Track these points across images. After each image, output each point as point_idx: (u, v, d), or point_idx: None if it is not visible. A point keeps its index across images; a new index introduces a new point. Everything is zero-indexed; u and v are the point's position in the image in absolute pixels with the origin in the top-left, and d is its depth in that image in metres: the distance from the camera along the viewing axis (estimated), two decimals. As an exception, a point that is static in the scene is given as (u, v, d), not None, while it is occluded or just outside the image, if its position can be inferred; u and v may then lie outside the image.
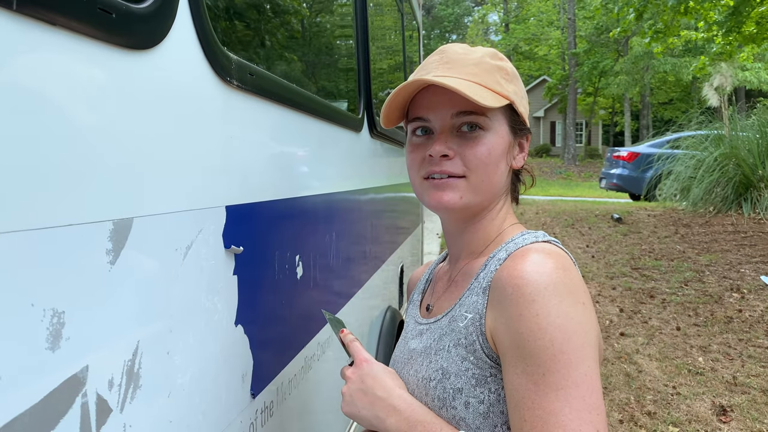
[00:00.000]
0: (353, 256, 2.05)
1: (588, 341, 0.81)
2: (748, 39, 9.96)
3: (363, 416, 0.96)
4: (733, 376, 3.78)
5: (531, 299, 0.81)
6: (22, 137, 0.54)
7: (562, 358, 0.78)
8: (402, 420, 0.91)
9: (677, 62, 25.93)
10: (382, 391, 0.96)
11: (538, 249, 0.90)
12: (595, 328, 0.85)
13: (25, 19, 0.54)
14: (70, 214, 0.60)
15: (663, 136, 12.30)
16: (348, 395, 0.99)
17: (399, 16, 3.67)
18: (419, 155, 1.00)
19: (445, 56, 1.00)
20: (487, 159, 0.96)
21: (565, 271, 0.85)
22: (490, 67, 0.98)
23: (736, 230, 7.52)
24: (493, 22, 45.42)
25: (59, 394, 0.59)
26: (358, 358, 1.03)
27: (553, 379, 0.78)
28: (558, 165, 30.04)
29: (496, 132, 0.97)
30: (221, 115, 0.97)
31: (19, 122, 0.53)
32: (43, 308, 0.56)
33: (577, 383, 0.78)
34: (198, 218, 0.88)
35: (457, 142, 0.96)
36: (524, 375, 0.81)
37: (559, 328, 0.79)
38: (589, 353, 0.80)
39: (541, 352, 0.79)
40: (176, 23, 0.81)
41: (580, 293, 0.84)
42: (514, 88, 0.99)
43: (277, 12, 1.52)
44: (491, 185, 0.98)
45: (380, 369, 1.00)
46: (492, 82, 0.96)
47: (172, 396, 0.81)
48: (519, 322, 0.82)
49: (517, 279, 0.84)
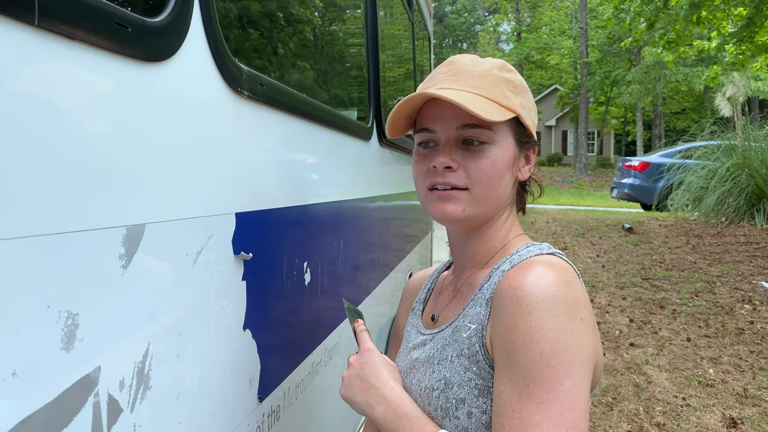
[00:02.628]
0: (361, 263, 2.07)
1: (579, 357, 0.82)
2: (761, 49, 9.91)
3: (356, 401, 1.01)
4: (743, 388, 3.74)
5: (527, 311, 0.82)
6: (44, 145, 0.56)
7: (549, 372, 0.79)
8: (390, 410, 0.95)
9: (690, 72, 25.82)
10: (376, 380, 1.00)
11: (542, 261, 0.90)
12: (591, 343, 0.86)
13: (45, 33, 0.56)
14: (86, 219, 0.63)
15: (675, 146, 12.24)
16: (347, 380, 1.04)
17: (409, 25, 3.70)
18: (424, 166, 1.01)
19: (452, 68, 1.01)
20: (490, 172, 0.96)
21: (567, 285, 0.86)
22: (497, 80, 0.98)
23: (749, 241, 7.46)
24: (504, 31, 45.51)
25: (73, 393, 0.61)
26: (362, 347, 1.08)
27: (537, 392, 0.79)
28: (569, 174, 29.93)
29: (501, 145, 0.98)
30: (232, 124, 1.00)
31: (39, 131, 0.56)
32: (58, 310, 0.58)
33: (560, 398, 0.79)
34: (208, 225, 0.91)
35: (461, 155, 0.97)
36: (510, 383, 0.82)
37: (550, 342, 0.80)
38: (577, 370, 0.81)
39: (528, 363, 0.81)
40: (189, 36, 0.84)
41: (579, 308, 0.85)
42: (522, 101, 1.00)
43: (287, 22, 1.55)
44: (495, 197, 0.99)
45: (380, 359, 1.04)
46: (498, 95, 0.97)
47: (180, 398, 0.83)
48: (512, 332, 0.83)
49: (517, 290, 0.85)
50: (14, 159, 0.53)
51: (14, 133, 0.53)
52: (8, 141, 0.52)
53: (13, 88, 0.53)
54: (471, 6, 46.84)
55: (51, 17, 0.56)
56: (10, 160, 0.52)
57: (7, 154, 0.52)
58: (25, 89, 0.55)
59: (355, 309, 1.19)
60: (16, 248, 0.53)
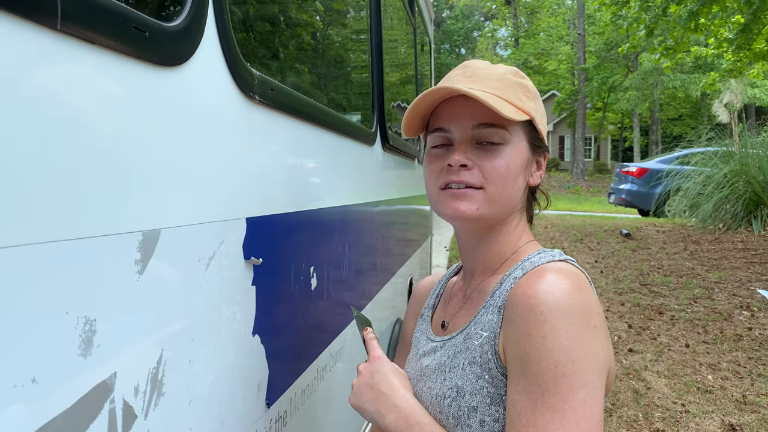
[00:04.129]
0: (365, 268, 2.06)
1: (593, 366, 0.82)
2: (759, 56, 9.95)
3: (366, 409, 0.99)
4: (742, 395, 3.75)
5: (542, 319, 0.82)
6: (62, 150, 0.56)
7: (564, 381, 0.79)
8: (401, 418, 0.94)
9: (687, 78, 25.88)
10: (387, 388, 0.99)
11: (554, 269, 0.90)
12: (604, 351, 0.86)
13: (66, 38, 0.56)
14: (104, 224, 0.62)
15: (672, 152, 12.26)
16: (356, 388, 1.02)
17: (411, 31, 3.71)
18: (438, 166, 1.00)
19: (468, 70, 1.02)
20: (505, 171, 0.96)
21: (580, 292, 0.85)
22: (512, 83, 0.99)
23: (746, 247, 7.48)
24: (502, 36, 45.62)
25: (90, 399, 0.60)
26: (372, 355, 1.06)
27: (552, 401, 0.79)
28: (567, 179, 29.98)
29: (515, 146, 0.98)
30: (245, 129, 1.00)
31: (58, 135, 0.56)
32: (76, 316, 0.58)
33: (575, 408, 0.79)
34: (221, 230, 0.90)
35: (476, 154, 0.97)
36: (524, 392, 0.82)
37: (565, 351, 0.80)
38: (592, 379, 0.81)
39: (543, 372, 0.80)
40: (204, 40, 0.83)
41: (593, 316, 0.85)
42: (535, 106, 1.01)
43: (295, 28, 1.55)
44: (508, 198, 0.99)
45: (390, 367, 1.03)
46: (513, 97, 0.97)
47: (192, 404, 0.83)
48: (527, 341, 0.83)
49: (530, 298, 0.85)
50: (33, 164, 0.53)
51: (35, 137, 0.53)
52: (29, 145, 0.52)
53: (35, 92, 0.53)
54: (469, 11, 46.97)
55: (73, 21, 0.56)
56: (28, 165, 0.52)
57: (27, 159, 0.52)
58: (47, 93, 0.55)
59: (364, 317, 1.19)
60: (36, 254, 0.53)
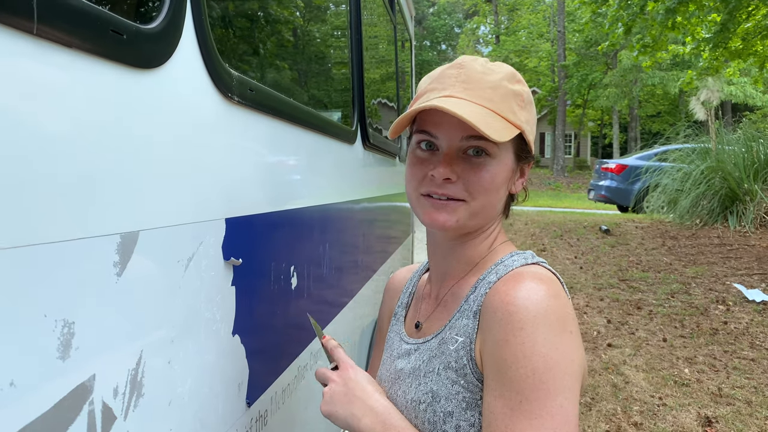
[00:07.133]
0: (345, 266, 2.07)
1: (570, 372, 0.82)
2: (735, 54, 10.11)
3: (339, 415, 0.97)
4: (718, 388, 3.82)
5: (519, 326, 0.82)
6: (39, 153, 0.56)
7: (542, 388, 0.80)
8: (378, 422, 0.93)
9: (665, 76, 26.22)
10: (361, 392, 0.98)
11: (530, 274, 0.90)
12: (580, 356, 0.86)
13: (43, 41, 0.56)
14: (82, 227, 0.62)
15: (651, 149, 12.43)
16: (328, 395, 1.00)
17: (391, 28, 3.71)
18: (420, 172, 0.98)
19: (463, 73, 0.96)
20: (489, 186, 0.95)
21: (557, 298, 0.86)
22: (507, 93, 0.96)
23: (722, 243, 7.62)
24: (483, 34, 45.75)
25: (68, 401, 0.61)
26: (344, 363, 1.04)
27: (529, 408, 0.80)
28: (547, 176, 30.21)
29: (501, 160, 0.96)
30: (223, 130, 1.00)
31: (35, 139, 0.56)
32: (55, 319, 0.58)
33: (552, 414, 0.79)
34: (200, 231, 0.90)
35: (461, 166, 0.95)
36: (501, 398, 0.82)
37: (543, 357, 0.81)
38: (569, 384, 0.81)
39: (521, 379, 0.81)
40: (182, 42, 0.84)
41: (568, 321, 0.86)
42: (527, 116, 0.98)
43: (274, 27, 1.55)
44: (490, 209, 0.98)
45: (363, 375, 1.02)
46: (506, 110, 0.94)
47: (172, 404, 0.83)
48: (504, 347, 0.83)
49: (508, 305, 0.85)
50: (9, 167, 0.53)
51: (10, 141, 0.53)
52: (5, 149, 0.52)
53: (10, 96, 0.53)
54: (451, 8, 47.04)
55: (50, 25, 0.56)
56: (4, 169, 0.52)
57: (3, 163, 0.52)
58: (23, 97, 0.55)
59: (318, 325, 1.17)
60: (14, 257, 0.53)
